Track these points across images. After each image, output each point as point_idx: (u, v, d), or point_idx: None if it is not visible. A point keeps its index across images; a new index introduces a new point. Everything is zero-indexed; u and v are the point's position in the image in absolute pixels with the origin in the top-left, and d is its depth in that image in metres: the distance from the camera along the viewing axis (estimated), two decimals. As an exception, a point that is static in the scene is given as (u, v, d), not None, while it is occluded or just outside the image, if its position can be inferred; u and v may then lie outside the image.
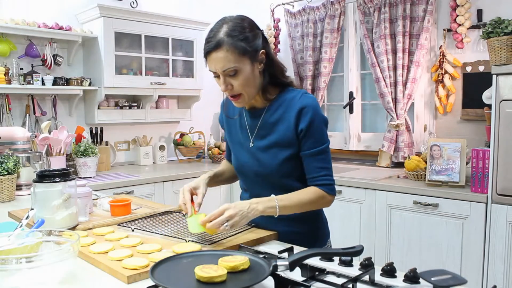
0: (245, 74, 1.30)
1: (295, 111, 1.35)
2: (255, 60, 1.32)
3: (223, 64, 1.27)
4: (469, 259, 2.40)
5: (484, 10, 2.87)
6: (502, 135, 2.24)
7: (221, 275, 0.91)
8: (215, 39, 1.27)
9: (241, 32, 1.28)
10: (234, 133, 1.52)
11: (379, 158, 3.36)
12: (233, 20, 1.31)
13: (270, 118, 1.41)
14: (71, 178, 1.42)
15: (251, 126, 1.45)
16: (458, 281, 0.77)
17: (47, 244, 1.11)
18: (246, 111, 1.47)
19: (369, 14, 3.35)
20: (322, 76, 3.62)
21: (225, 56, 1.26)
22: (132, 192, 2.91)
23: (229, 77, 1.30)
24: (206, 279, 0.91)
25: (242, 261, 0.98)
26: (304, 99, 1.37)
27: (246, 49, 1.28)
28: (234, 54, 1.26)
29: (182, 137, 3.91)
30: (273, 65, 1.39)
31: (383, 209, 2.72)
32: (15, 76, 2.91)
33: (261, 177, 1.43)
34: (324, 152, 1.38)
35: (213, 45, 1.27)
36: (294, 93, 1.40)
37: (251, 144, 1.44)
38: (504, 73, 2.24)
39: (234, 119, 1.51)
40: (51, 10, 3.22)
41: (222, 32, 1.27)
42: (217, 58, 1.27)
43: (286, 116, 1.37)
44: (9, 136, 2.37)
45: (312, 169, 1.37)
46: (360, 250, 1.00)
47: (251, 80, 1.32)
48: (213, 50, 1.27)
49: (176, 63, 3.69)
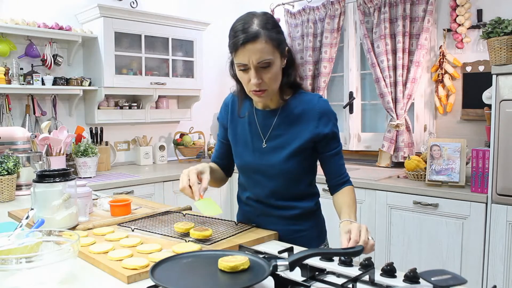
0: (276, 68, 1.30)
1: (315, 114, 1.38)
2: (284, 55, 1.33)
3: (260, 55, 1.25)
4: (469, 259, 2.40)
5: (484, 10, 2.87)
6: (502, 135, 2.24)
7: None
8: (251, 30, 1.24)
9: (274, 25, 1.29)
10: (241, 133, 1.48)
11: (379, 158, 3.36)
12: (261, 14, 1.30)
13: (286, 118, 1.40)
14: (71, 178, 1.42)
15: (263, 126, 1.43)
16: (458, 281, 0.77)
17: (47, 244, 1.11)
18: (258, 110, 1.45)
19: (369, 14, 3.35)
20: (322, 76, 3.62)
21: (264, 47, 1.24)
22: (132, 192, 2.91)
23: (261, 70, 1.28)
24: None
25: (242, 261, 0.98)
26: (322, 103, 1.40)
27: (281, 41, 1.29)
28: (271, 45, 1.26)
29: (182, 137, 3.91)
30: (294, 65, 1.40)
31: (383, 209, 2.72)
32: (15, 76, 2.91)
33: (267, 178, 1.43)
34: (341, 152, 1.46)
35: (250, 35, 1.23)
36: (310, 96, 1.43)
37: (264, 145, 1.42)
38: (504, 73, 2.24)
39: (242, 119, 1.48)
40: (51, 10, 3.22)
41: (256, 24, 1.25)
42: (254, 49, 1.24)
43: (305, 117, 1.38)
44: (9, 136, 2.37)
45: (339, 167, 1.44)
46: (360, 250, 1.00)
47: (279, 75, 1.33)
48: (250, 41, 1.23)
49: (176, 63, 3.69)
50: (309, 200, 1.48)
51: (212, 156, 1.62)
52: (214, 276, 0.97)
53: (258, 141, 1.44)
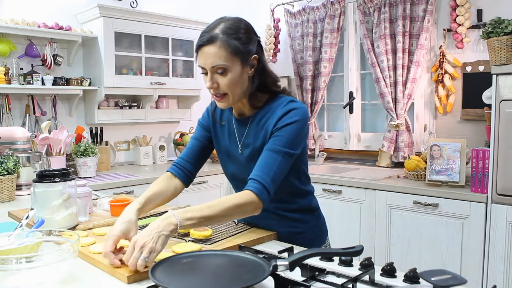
0: (234, 75, 1.26)
1: (277, 117, 1.30)
2: (246, 63, 1.29)
3: (213, 59, 1.24)
4: (469, 259, 2.40)
5: (484, 10, 2.87)
6: (502, 135, 2.24)
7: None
8: (209, 34, 1.24)
9: (236, 32, 1.26)
10: (221, 140, 1.47)
11: (379, 158, 3.36)
12: (231, 19, 1.29)
13: (256, 126, 1.37)
14: (71, 178, 1.42)
15: (239, 134, 1.42)
16: (458, 281, 0.77)
17: (47, 244, 1.11)
18: (235, 118, 1.43)
19: (369, 14, 3.35)
20: (322, 76, 3.62)
21: (217, 52, 1.23)
22: (132, 192, 2.91)
23: (217, 75, 1.26)
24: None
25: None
26: (289, 106, 1.31)
27: (239, 48, 1.25)
28: (226, 51, 1.24)
29: (182, 137, 3.91)
30: (264, 73, 1.35)
31: (383, 209, 2.72)
32: (15, 76, 2.91)
33: None
34: (282, 155, 1.26)
35: (206, 39, 1.24)
36: (282, 100, 1.35)
37: (240, 151, 1.41)
38: (504, 73, 2.24)
39: (223, 126, 1.46)
40: (51, 10, 3.21)
41: (218, 29, 1.25)
42: (207, 53, 1.24)
43: (269, 122, 1.33)
44: (9, 136, 2.37)
45: (260, 164, 1.26)
46: (360, 250, 1.00)
47: (238, 82, 1.29)
48: (205, 45, 1.24)
49: (176, 63, 3.69)
50: (303, 198, 1.45)
51: (180, 156, 1.48)
52: (214, 276, 0.97)
53: (235, 149, 1.42)
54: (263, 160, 1.26)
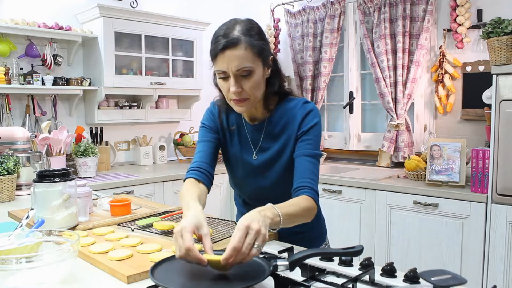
0: (257, 77, 1.24)
1: (298, 119, 1.32)
2: (266, 64, 1.27)
3: (239, 62, 1.19)
4: (469, 259, 2.40)
5: (484, 10, 2.87)
6: (502, 135, 2.24)
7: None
8: (232, 36, 1.19)
9: (258, 33, 1.24)
10: (230, 146, 1.43)
11: (379, 158, 3.36)
12: (245, 20, 1.26)
13: (273, 130, 1.36)
14: (71, 178, 1.42)
15: (253, 139, 1.39)
16: (458, 281, 0.77)
17: (47, 244, 1.11)
18: (247, 123, 1.40)
19: (369, 14, 3.35)
20: (322, 76, 3.62)
21: (243, 54, 1.19)
22: (132, 192, 2.91)
23: (241, 78, 1.22)
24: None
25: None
26: (306, 107, 1.33)
27: (263, 49, 1.23)
28: (252, 53, 1.20)
29: (182, 137, 3.91)
30: (279, 74, 1.35)
31: (383, 209, 2.72)
32: (15, 76, 2.91)
33: (265, 190, 1.40)
34: (317, 159, 1.31)
35: (228, 42, 1.18)
36: (295, 101, 1.36)
37: (255, 157, 1.39)
38: (504, 73, 2.24)
39: (232, 132, 1.43)
40: (51, 10, 3.21)
41: (236, 31, 1.20)
42: (233, 56, 1.19)
43: (289, 126, 1.33)
44: (9, 136, 2.37)
45: (305, 170, 1.27)
46: (360, 250, 1.00)
47: (261, 84, 1.27)
48: (229, 47, 1.18)
49: (176, 63, 3.69)
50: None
51: (195, 160, 1.38)
52: (214, 276, 0.96)
53: (248, 155, 1.40)
54: (304, 166, 1.27)
